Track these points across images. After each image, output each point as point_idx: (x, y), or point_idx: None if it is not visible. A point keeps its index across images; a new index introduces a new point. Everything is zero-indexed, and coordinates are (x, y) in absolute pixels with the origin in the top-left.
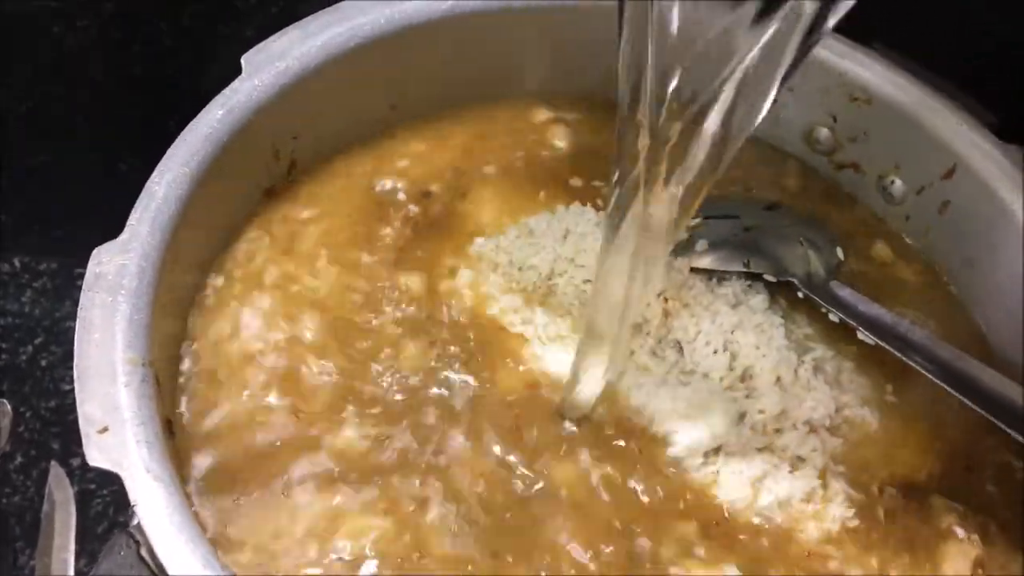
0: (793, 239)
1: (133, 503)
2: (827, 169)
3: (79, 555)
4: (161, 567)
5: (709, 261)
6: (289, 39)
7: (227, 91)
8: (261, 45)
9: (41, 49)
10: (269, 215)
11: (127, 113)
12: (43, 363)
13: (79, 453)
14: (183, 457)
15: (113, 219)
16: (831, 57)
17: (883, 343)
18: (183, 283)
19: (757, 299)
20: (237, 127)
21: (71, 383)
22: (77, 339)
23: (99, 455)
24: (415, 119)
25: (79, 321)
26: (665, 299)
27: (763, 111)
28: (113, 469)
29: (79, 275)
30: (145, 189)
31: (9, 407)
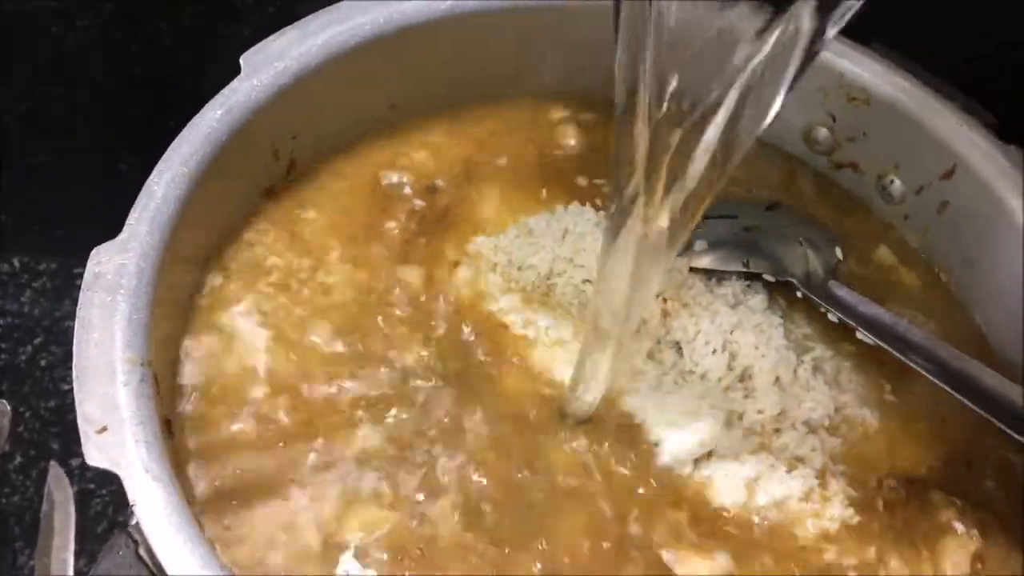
0: (792, 239)
1: (132, 503)
2: (826, 169)
3: (79, 555)
4: (160, 567)
5: (708, 261)
6: (288, 39)
7: (226, 91)
8: (260, 45)
9: (41, 49)
10: (269, 214)
11: (127, 113)
12: (42, 363)
13: (79, 453)
14: (182, 456)
15: (113, 219)
16: (830, 57)
17: (882, 343)
18: (182, 283)
19: (756, 299)
20: (236, 127)
21: (70, 383)
22: (76, 339)
23: (98, 455)
24: (421, 116)
25: (78, 321)
26: (664, 299)
27: (768, 119)
28: (112, 469)
29: (78, 275)
30: (144, 189)
31: (8, 407)
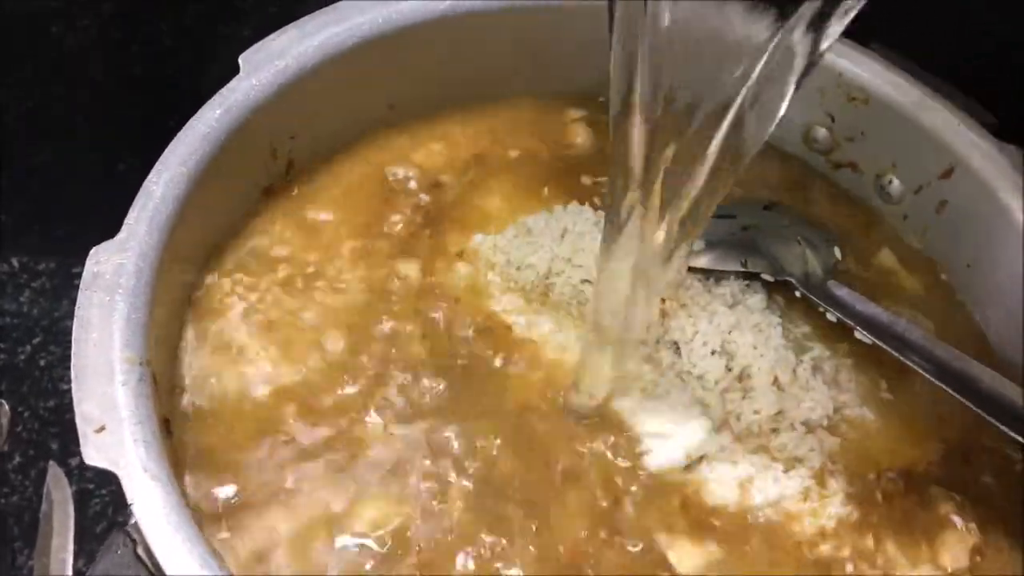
0: (791, 238)
1: (130, 502)
2: (825, 168)
3: (77, 555)
4: (158, 566)
5: (706, 261)
6: (287, 38)
7: (224, 90)
8: (259, 44)
9: (41, 49)
10: (268, 213)
11: (127, 113)
12: (41, 363)
13: (77, 453)
14: (181, 456)
15: (113, 219)
16: (829, 57)
17: (880, 343)
18: (181, 282)
19: (755, 299)
20: (235, 126)
21: (69, 383)
22: (75, 338)
23: (96, 454)
24: (420, 116)
25: (76, 320)
26: (662, 300)
27: (772, 125)
28: (110, 468)
29: (78, 275)
30: (143, 188)
31: (7, 407)
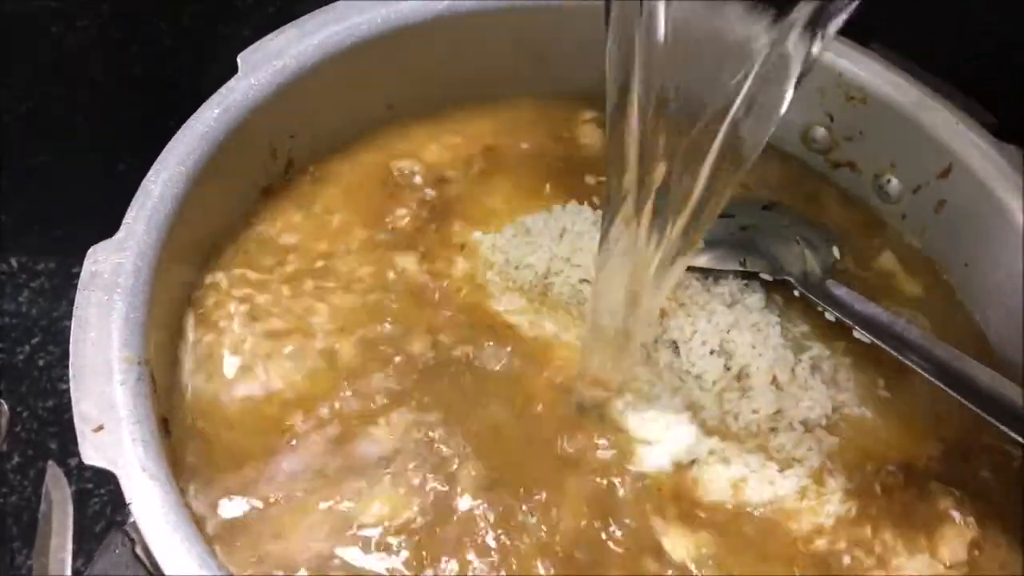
0: (789, 238)
1: (128, 501)
2: (824, 168)
3: (76, 555)
4: (156, 565)
5: (705, 260)
6: (286, 38)
7: (223, 90)
8: (257, 44)
9: (41, 49)
10: (267, 212)
11: (127, 113)
12: (40, 363)
13: (76, 453)
14: (179, 456)
15: (112, 219)
16: (828, 56)
17: (879, 342)
18: (180, 281)
19: (753, 298)
20: (233, 126)
21: (68, 383)
22: (73, 337)
23: (94, 453)
24: (419, 116)
25: (75, 319)
26: None
27: (772, 126)
28: (108, 467)
29: (77, 275)
30: (141, 188)
31: (6, 407)
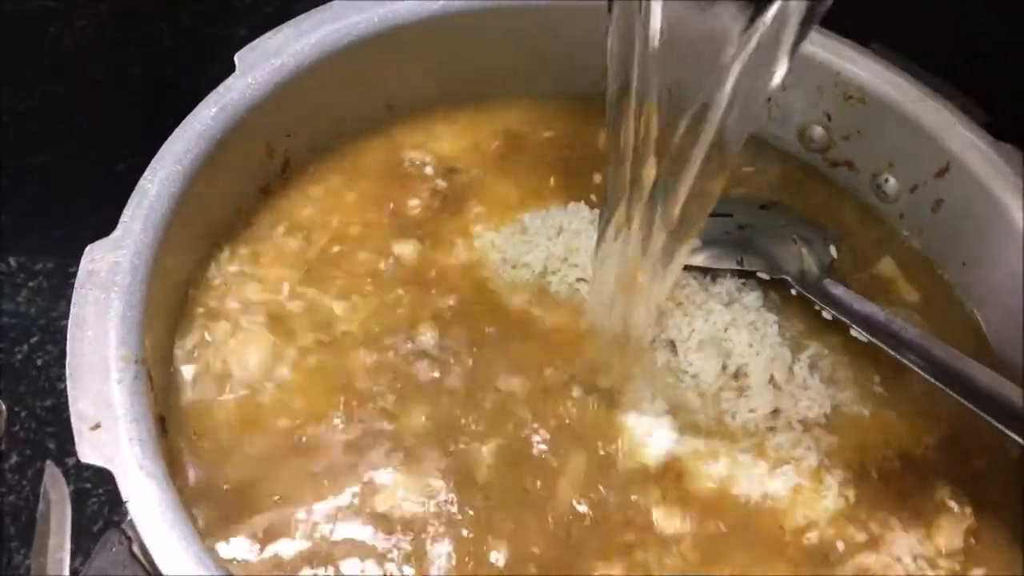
0: (786, 237)
1: (125, 500)
2: (821, 167)
3: (74, 554)
4: (153, 564)
5: (702, 259)
6: (283, 36)
7: (220, 88)
8: (255, 43)
9: (40, 49)
10: (264, 211)
11: (126, 113)
12: (39, 362)
13: (75, 452)
14: (176, 454)
15: (112, 219)
16: (826, 56)
17: (876, 341)
18: (177, 280)
19: (751, 297)
20: (230, 124)
21: (66, 383)
22: (70, 336)
23: (91, 452)
24: (418, 116)
25: (72, 318)
26: None
27: (758, 113)
28: (105, 465)
29: (75, 274)
30: (138, 187)
31: (4, 407)
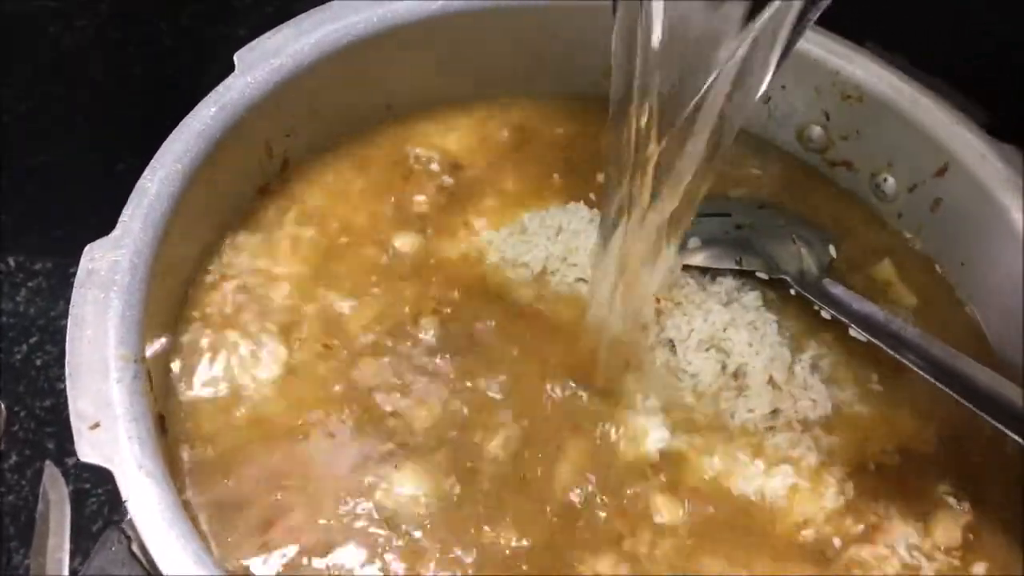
0: (786, 237)
1: (124, 499)
2: (820, 167)
3: (74, 554)
4: (152, 563)
5: (701, 259)
6: (283, 36)
7: (220, 88)
8: (254, 43)
9: (40, 49)
10: (263, 211)
11: (126, 113)
12: (38, 362)
13: (74, 452)
14: (175, 453)
15: (112, 219)
16: (824, 56)
17: (876, 340)
18: (176, 279)
19: (750, 296)
20: (230, 124)
21: (66, 383)
22: (69, 335)
23: (90, 450)
24: (418, 116)
25: (71, 317)
26: (657, 299)
27: (752, 104)
28: (104, 465)
29: (75, 275)
30: (137, 186)
31: (3, 406)
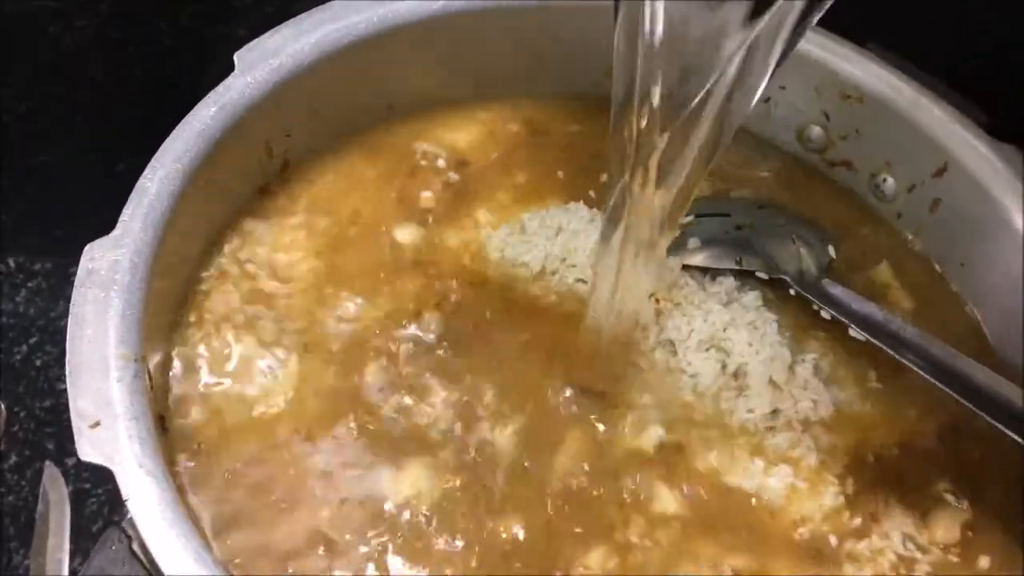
0: (785, 237)
1: (125, 498)
2: (819, 167)
3: (74, 555)
4: (153, 562)
5: (701, 259)
6: (282, 36)
7: (220, 88)
8: (254, 42)
9: (40, 49)
10: (263, 211)
11: (126, 113)
12: (38, 363)
13: (74, 452)
14: (176, 452)
15: (112, 219)
16: (824, 56)
17: (875, 340)
18: (177, 279)
19: (749, 296)
20: (230, 124)
21: (65, 382)
22: (69, 335)
23: (91, 450)
24: (418, 116)
25: (71, 317)
26: (657, 299)
27: (752, 104)
28: (105, 463)
29: (75, 275)
30: (137, 186)
31: (3, 407)
